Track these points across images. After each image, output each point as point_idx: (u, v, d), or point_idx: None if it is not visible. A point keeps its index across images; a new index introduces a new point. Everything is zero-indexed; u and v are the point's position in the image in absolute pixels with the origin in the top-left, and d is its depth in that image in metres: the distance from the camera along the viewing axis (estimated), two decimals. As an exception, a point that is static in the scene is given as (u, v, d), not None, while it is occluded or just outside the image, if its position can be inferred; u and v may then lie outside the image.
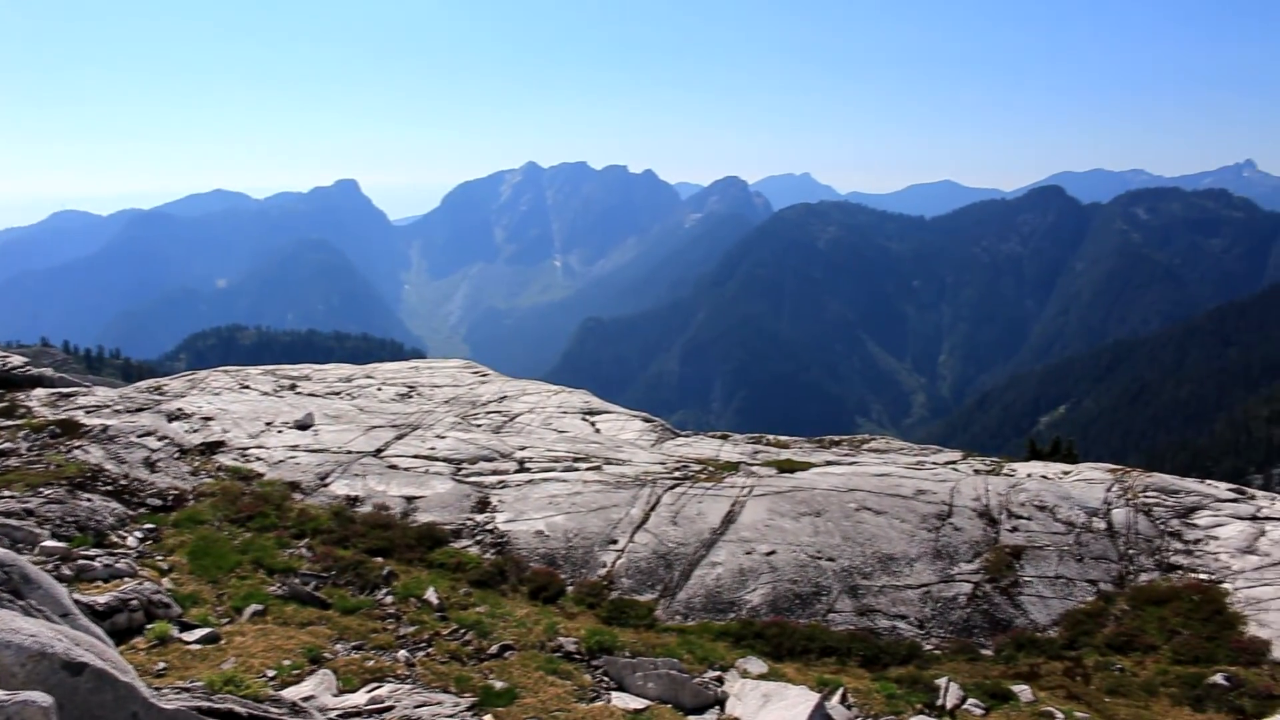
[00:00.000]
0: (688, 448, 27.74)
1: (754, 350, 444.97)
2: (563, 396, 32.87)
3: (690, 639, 15.85)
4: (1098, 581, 19.53)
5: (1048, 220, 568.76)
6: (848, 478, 22.81)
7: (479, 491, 21.25)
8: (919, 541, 19.81)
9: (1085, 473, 25.87)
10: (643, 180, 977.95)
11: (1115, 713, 15.01)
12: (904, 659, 16.30)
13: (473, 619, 14.90)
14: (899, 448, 30.79)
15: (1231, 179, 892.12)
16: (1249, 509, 22.76)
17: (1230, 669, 16.35)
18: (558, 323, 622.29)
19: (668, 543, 19.18)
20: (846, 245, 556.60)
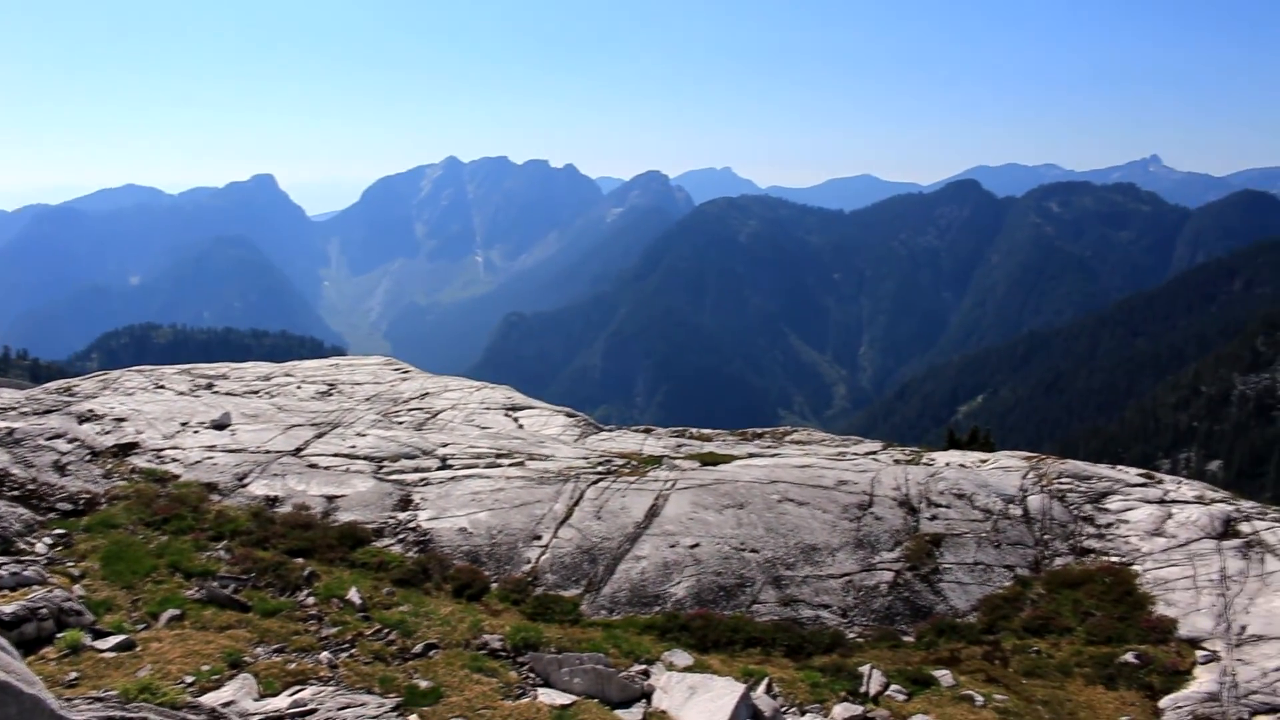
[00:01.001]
0: (611, 442, 27.75)
1: (676, 344, 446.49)
2: (485, 392, 32.67)
3: (616, 633, 15.87)
4: (1015, 567, 19.92)
5: (964, 214, 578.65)
6: (770, 470, 22.98)
7: (401, 489, 21.04)
8: (841, 531, 20.03)
9: (1002, 460, 26.36)
10: (564, 175, 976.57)
11: (1033, 694, 15.35)
12: (828, 648, 16.48)
13: (396, 618, 14.76)
14: (821, 439, 31.11)
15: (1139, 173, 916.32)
16: (1157, 493, 23.38)
17: (1140, 647, 16.82)
18: (480, 318, 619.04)
19: (592, 538, 19.17)
20: (767, 239, 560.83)
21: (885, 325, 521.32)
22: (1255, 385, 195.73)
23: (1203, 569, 19.24)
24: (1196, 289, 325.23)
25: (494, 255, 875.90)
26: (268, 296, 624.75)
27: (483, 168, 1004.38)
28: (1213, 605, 17.86)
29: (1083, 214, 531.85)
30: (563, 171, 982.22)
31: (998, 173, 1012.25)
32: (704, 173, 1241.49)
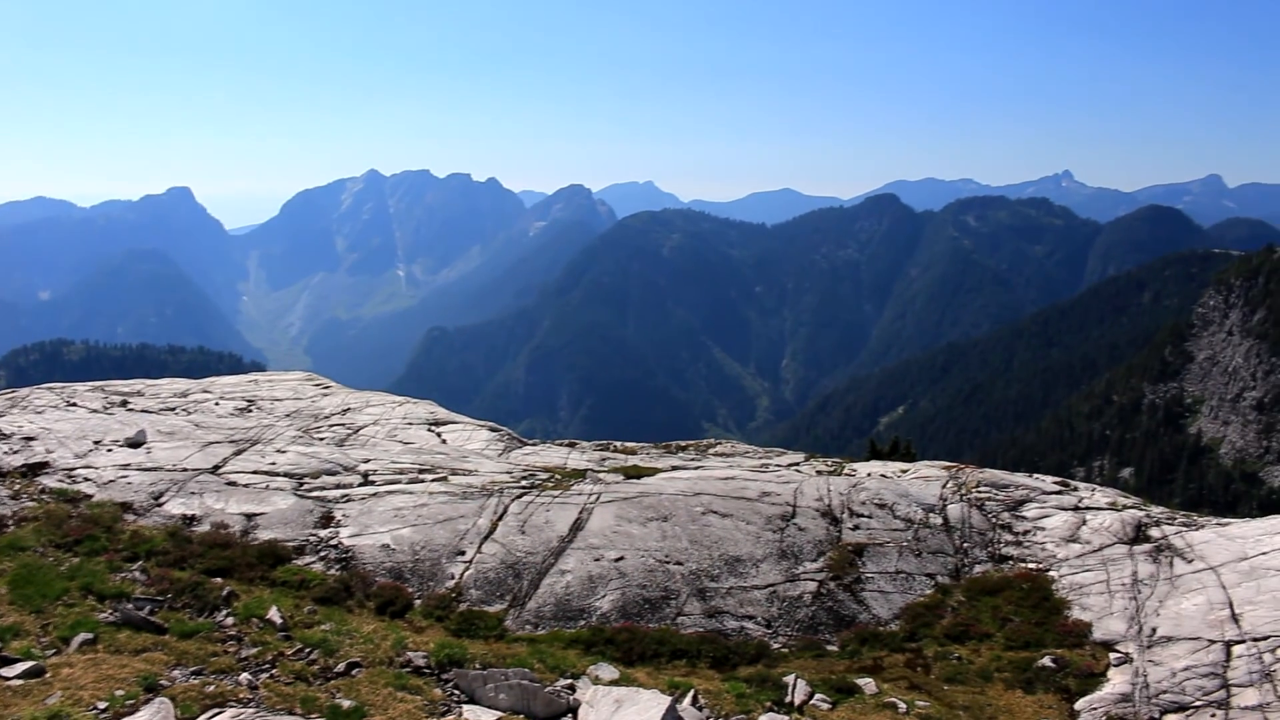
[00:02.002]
0: (535, 456, 27.67)
1: (600, 358, 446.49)
2: (408, 408, 32.41)
3: (541, 648, 15.82)
4: (935, 575, 20.21)
5: (884, 227, 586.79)
6: (694, 482, 23.08)
7: (322, 506, 20.77)
8: (765, 542, 20.17)
9: (922, 470, 26.75)
10: (487, 188, 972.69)
11: (954, 700, 15.58)
12: (753, 658, 16.58)
13: (318, 637, 14.55)
14: (744, 451, 31.31)
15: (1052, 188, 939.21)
16: (1072, 500, 23.89)
17: (1057, 651, 17.17)
18: (402, 333, 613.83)
19: (516, 552, 19.09)
20: (690, 252, 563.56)
21: (807, 338, 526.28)
22: (1164, 394, 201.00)
23: (1115, 573, 19.69)
24: (1108, 301, 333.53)
25: (416, 269, 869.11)
26: (184, 312, 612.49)
27: (404, 181, 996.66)
28: (1125, 608, 18.30)
29: (998, 228, 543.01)
30: (485, 185, 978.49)
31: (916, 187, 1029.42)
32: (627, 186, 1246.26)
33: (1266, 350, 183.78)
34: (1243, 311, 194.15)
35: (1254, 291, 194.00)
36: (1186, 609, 17.87)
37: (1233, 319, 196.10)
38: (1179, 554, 20.15)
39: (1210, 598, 18.07)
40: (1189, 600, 18.16)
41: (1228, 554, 19.76)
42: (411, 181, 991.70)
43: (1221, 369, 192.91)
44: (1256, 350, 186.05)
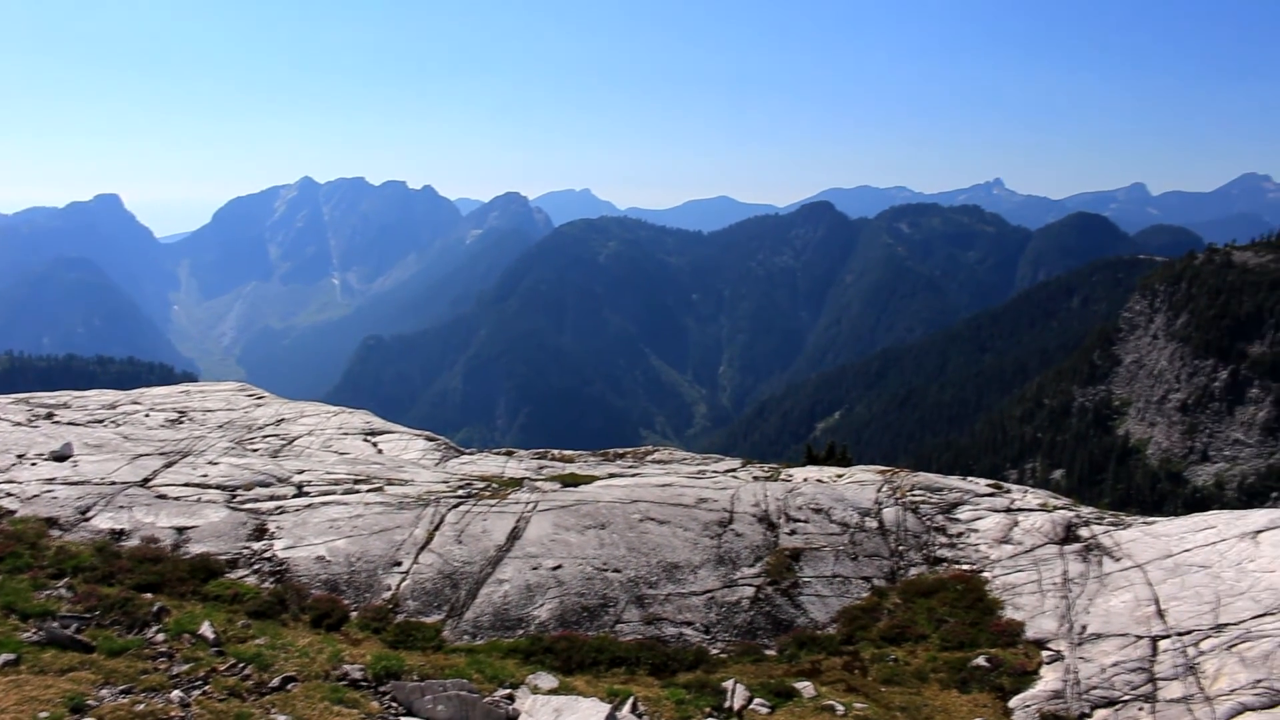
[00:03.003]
0: (472, 465, 27.54)
1: (537, 366, 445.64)
2: (343, 418, 32.09)
3: (480, 658, 15.73)
4: (871, 578, 20.41)
5: (819, 234, 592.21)
6: (631, 489, 23.10)
7: (256, 518, 20.48)
8: (702, 549, 20.24)
9: (857, 475, 26.99)
10: (422, 196, 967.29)
11: (891, 701, 15.74)
12: (691, 664, 16.61)
13: (252, 652, 14.33)
14: (682, 458, 31.40)
15: (983, 196, 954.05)
16: (1004, 502, 24.27)
17: (991, 651, 17.42)
18: (337, 342, 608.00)
19: (453, 562, 18.98)
20: (627, 260, 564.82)
21: (744, 344, 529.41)
22: (1093, 397, 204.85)
23: (1047, 573, 20.02)
24: (1038, 306, 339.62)
25: (351, 278, 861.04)
26: (113, 321, 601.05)
27: (339, 189, 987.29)
28: (1056, 607, 18.61)
29: (931, 234, 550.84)
30: (421, 193, 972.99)
31: (850, 194, 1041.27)
32: (563, 194, 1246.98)
33: (1190, 353, 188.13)
34: (1167, 316, 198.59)
35: (1177, 296, 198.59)
36: (1115, 606, 18.23)
37: (1157, 323, 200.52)
38: (1107, 553, 20.54)
39: (1137, 595, 18.45)
40: (1117, 598, 18.52)
41: (1154, 552, 20.19)
42: (346, 189, 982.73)
43: (1147, 372, 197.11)
44: (1180, 353, 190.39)
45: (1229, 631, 16.69)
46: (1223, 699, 15.03)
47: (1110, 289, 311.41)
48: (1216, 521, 21.39)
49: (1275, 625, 16.62)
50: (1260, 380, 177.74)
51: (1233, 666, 15.73)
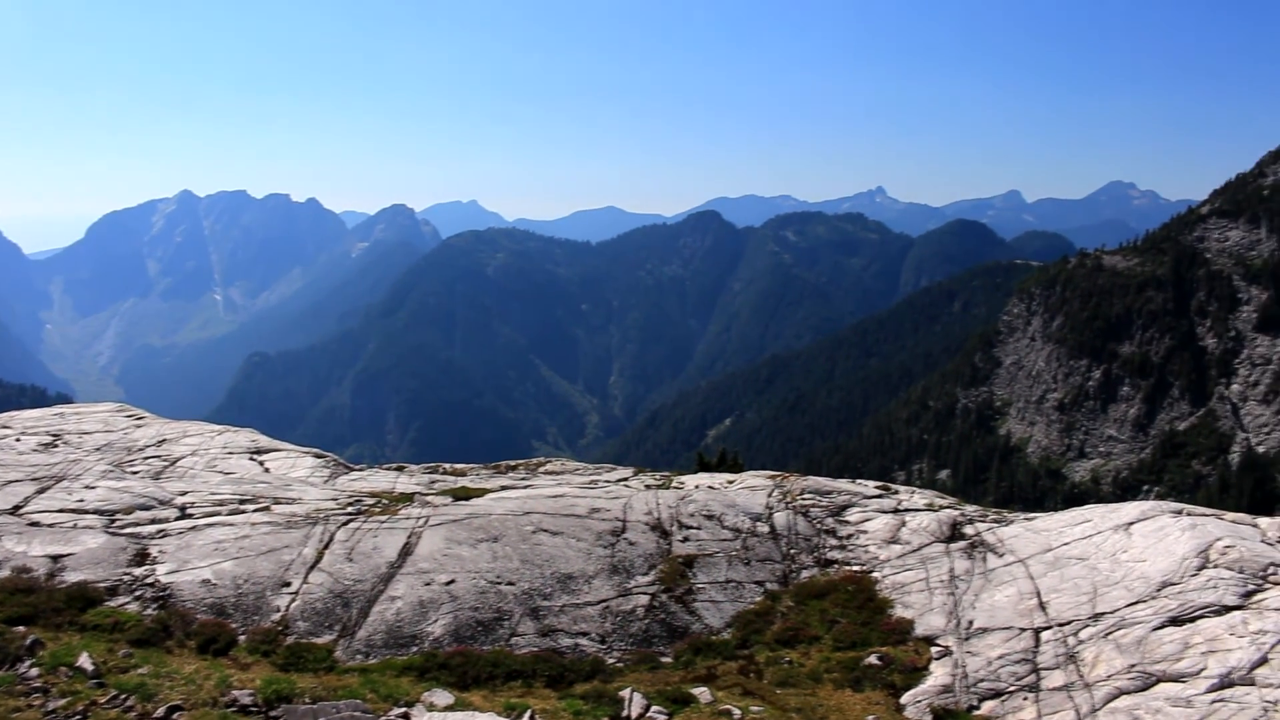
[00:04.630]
0: (362, 482, 27.11)
1: (427, 379, 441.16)
2: (228, 436, 31.31)
3: (373, 677, 15.48)
4: (764, 582, 20.62)
5: (706, 243, 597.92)
6: (523, 501, 22.99)
7: (136, 543, 19.85)
8: (596, 558, 20.23)
9: (748, 480, 27.25)
10: (306, 209, 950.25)
11: (786, 703, 15.92)
12: (588, 675, 16.58)
13: (134, 682, 13.89)
14: (574, 468, 31.35)
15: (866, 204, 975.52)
16: (892, 503, 24.76)
17: (882, 649, 17.76)
18: (221, 359, 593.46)
19: (344, 580, 18.66)
20: (516, 271, 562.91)
21: (634, 354, 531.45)
22: (975, 398, 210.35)
23: (934, 571, 20.48)
24: (921, 311, 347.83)
25: (234, 293, 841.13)
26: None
27: (220, 202, 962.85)
28: (944, 604, 19.05)
29: (817, 242, 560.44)
30: (305, 206, 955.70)
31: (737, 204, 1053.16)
32: (450, 206, 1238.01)
33: (1065, 354, 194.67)
34: (1043, 318, 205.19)
35: (1053, 300, 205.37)
36: (999, 600, 18.75)
37: (1035, 325, 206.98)
38: (991, 549, 21.10)
39: (1020, 589, 19.01)
40: (1001, 592, 19.06)
41: (1035, 546, 20.82)
42: (227, 202, 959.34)
43: (1026, 373, 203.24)
44: (1056, 354, 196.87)
45: (1105, 620, 17.33)
46: (1100, 684, 15.61)
47: (989, 293, 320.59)
48: (1092, 515, 22.17)
49: (1147, 612, 17.31)
50: (1130, 379, 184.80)
51: (1109, 653, 16.34)
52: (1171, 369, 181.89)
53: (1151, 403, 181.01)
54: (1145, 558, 19.24)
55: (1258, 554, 18.71)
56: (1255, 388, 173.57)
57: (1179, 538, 19.60)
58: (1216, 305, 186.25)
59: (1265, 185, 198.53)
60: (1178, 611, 17.12)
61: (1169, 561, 18.83)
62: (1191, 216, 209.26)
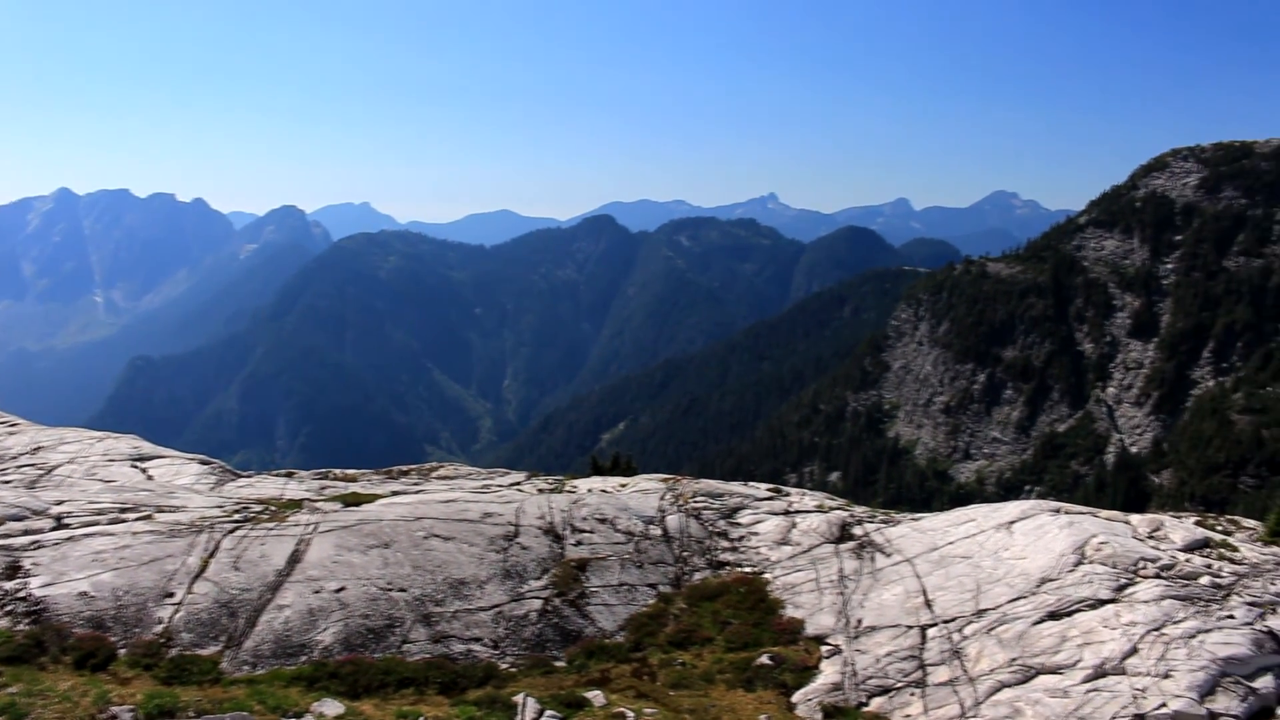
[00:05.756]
0: (250, 488, 26.55)
1: (318, 384, 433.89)
2: (109, 443, 30.39)
3: (261, 688, 15.17)
4: (657, 584, 20.72)
5: (600, 247, 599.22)
6: (415, 506, 22.74)
7: (8, 556, 19.10)
8: (488, 563, 20.11)
9: (641, 484, 27.37)
10: (193, 209, 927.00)
11: (680, 704, 16.02)
12: (481, 681, 16.48)
13: (4, 702, 13.37)
14: (467, 473, 31.14)
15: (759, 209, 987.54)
16: (782, 505, 25.09)
17: (774, 649, 18.00)
18: (101, 363, 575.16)
19: (230, 589, 18.23)
20: (409, 275, 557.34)
21: (528, 358, 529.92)
22: (865, 402, 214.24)
23: (824, 571, 20.82)
24: (812, 316, 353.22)
25: (116, 295, 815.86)
26: None
27: (100, 201, 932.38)
28: (834, 603, 19.38)
29: (710, 247, 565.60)
30: (191, 206, 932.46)
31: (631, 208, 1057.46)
32: (342, 208, 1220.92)
33: (951, 358, 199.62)
34: (930, 323, 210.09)
35: (939, 305, 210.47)
36: (887, 599, 19.15)
37: (922, 330, 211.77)
38: (879, 549, 21.53)
39: (907, 587, 19.44)
40: (889, 591, 19.47)
41: (921, 546, 21.32)
42: (109, 201, 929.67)
43: (914, 377, 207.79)
44: (943, 359, 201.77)
45: (988, 616, 17.85)
46: (984, 678, 16.08)
47: (879, 298, 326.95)
48: (976, 515, 22.80)
49: (1027, 607, 17.89)
50: (1013, 382, 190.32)
51: (992, 648, 16.84)
52: (1052, 373, 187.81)
53: (1033, 405, 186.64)
54: (1026, 555, 19.86)
55: (1130, 549, 19.46)
56: (1129, 390, 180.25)
57: (1057, 535, 20.28)
58: (1093, 311, 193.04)
59: (1137, 197, 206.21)
60: (1056, 606, 17.73)
61: (1048, 558, 19.47)
62: (1070, 226, 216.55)
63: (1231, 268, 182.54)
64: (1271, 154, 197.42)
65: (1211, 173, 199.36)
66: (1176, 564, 19.04)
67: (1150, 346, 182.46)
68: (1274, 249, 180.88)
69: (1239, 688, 15.30)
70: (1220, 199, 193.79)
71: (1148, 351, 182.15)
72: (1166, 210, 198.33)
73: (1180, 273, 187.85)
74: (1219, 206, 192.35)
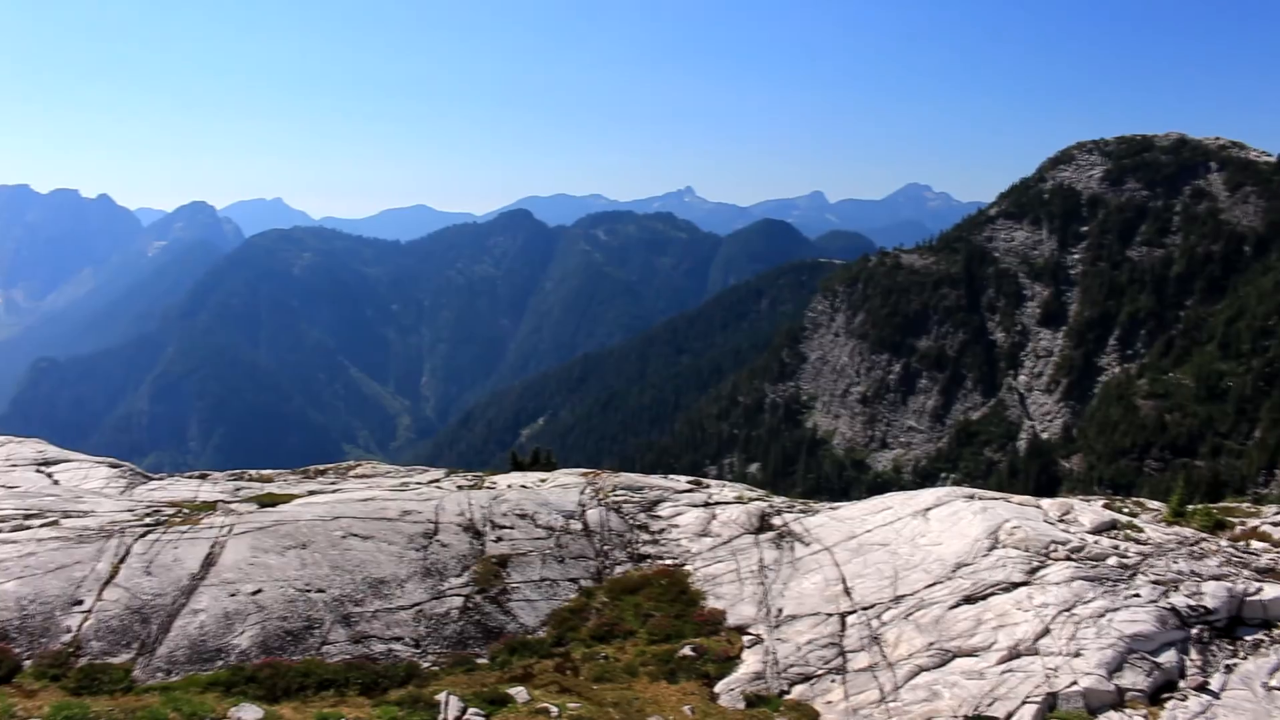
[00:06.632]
0: (162, 491, 25.98)
1: (231, 384, 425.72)
2: (11, 448, 29.51)
3: (176, 695, 14.86)
4: (579, 579, 20.72)
5: (518, 242, 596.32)
6: (332, 506, 22.47)
7: (-94, 565, 18.49)
8: (408, 562, 19.94)
9: (561, 479, 27.35)
10: (98, 206, 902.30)
11: (604, 698, 16.04)
12: (403, 680, 16.34)
13: (-100, 718, 12.94)
14: (385, 471, 30.85)
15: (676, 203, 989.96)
16: (702, 497, 25.26)
17: (696, 640, 18.12)
18: (2, 366, 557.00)
19: (142, 595, 17.82)
20: (324, 271, 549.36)
21: (446, 354, 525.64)
22: (783, 393, 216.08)
23: (744, 562, 20.98)
24: (730, 309, 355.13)
25: (16, 295, 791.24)
26: None
27: None
28: (754, 593, 19.54)
29: (628, 241, 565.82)
30: (96, 202, 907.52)
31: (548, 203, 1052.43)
32: (254, 204, 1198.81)
33: (867, 349, 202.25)
34: (846, 315, 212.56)
35: (855, 297, 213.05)
36: (807, 588, 19.36)
37: (838, 322, 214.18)
38: (798, 538, 21.76)
39: (826, 575, 19.67)
40: (809, 580, 19.68)
41: (839, 534, 21.58)
42: (9, 197, 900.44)
43: (831, 367, 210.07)
44: (859, 349, 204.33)
45: (906, 602, 18.14)
46: (902, 663, 16.36)
47: (795, 290, 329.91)
48: (892, 503, 23.15)
49: (944, 592, 18.22)
50: (928, 372, 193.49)
51: (910, 633, 17.12)
52: (965, 362, 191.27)
53: (947, 394, 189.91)
54: (942, 541, 20.22)
55: (1041, 533, 19.92)
56: (1039, 378, 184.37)
57: (972, 521, 20.68)
58: (1004, 301, 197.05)
59: (1045, 189, 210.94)
60: (971, 590, 18.09)
61: (963, 544, 19.85)
62: (981, 218, 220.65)
63: (1135, 257, 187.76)
64: (1170, 147, 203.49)
65: (1115, 165, 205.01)
66: (1085, 546, 19.53)
67: (1059, 335, 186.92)
68: (1174, 239, 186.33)
69: (1144, 663, 15.79)
70: (1123, 191, 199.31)
71: (1057, 340, 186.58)
72: (1073, 202, 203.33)
73: (1087, 263, 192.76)
74: (1122, 198, 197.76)
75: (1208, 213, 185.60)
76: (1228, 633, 17.22)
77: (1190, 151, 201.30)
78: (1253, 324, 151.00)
